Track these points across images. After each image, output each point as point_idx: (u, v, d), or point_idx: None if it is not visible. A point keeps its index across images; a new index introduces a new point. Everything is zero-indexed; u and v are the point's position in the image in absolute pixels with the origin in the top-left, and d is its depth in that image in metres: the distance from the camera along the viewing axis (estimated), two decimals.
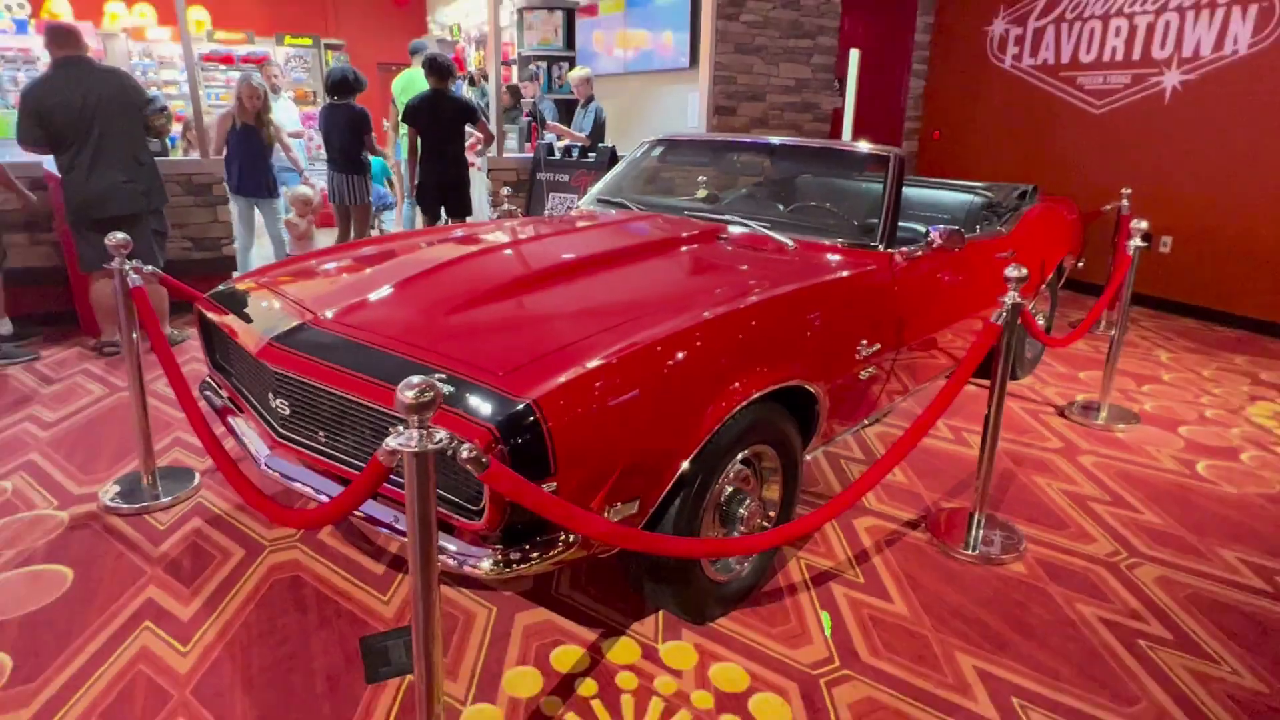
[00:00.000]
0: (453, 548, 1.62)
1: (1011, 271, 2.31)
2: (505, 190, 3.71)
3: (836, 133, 6.96)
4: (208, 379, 2.48)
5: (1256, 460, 3.26)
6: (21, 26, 9.33)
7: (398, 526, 1.71)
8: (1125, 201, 5.01)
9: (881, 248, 2.60)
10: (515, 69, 9.52)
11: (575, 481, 1.59)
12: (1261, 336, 5.16)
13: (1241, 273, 5.27)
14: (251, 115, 5.07)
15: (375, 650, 1.96)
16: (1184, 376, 4.30)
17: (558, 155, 5.62)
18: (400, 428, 1.26)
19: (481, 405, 1.55)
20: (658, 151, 3.49)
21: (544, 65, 8.86)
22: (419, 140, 5.25)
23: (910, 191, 3.93)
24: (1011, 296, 2.31)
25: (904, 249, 2.64)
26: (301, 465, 1.95)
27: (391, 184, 8.17)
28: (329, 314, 1.98)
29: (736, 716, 1.79)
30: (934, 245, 2.58)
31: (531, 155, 5.80)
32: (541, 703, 1.82)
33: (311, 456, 1.91)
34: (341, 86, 5.37)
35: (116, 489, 2.70)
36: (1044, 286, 3.94)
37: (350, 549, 2.40)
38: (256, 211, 5.39)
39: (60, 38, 3.85)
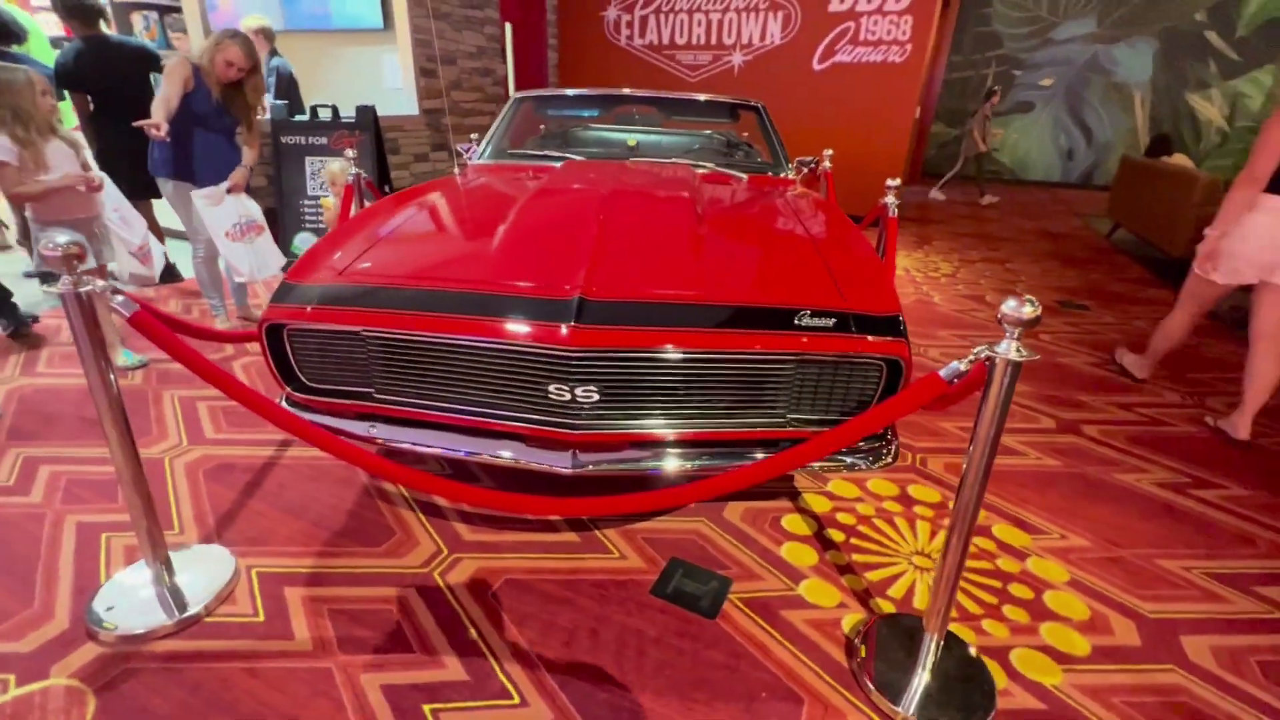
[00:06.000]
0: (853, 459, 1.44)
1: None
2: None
3: (506, 95, 6.49)
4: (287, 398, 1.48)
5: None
6: None
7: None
8: None
9: (789, 174, 2.74)
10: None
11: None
12: None
13: None
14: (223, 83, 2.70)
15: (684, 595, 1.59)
16: None
17: (303, 118, 4.12)
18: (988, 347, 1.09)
19: (873, 328, 1.36)
20: (533, 108, 2.94)
21: (154, 15, 6.13)
22: (90, 103, 3.34)
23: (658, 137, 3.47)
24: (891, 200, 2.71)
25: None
26: (616, 448, 1.39)
27: None
28: (572, 286, 1.38)
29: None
30: (812, 170, 2.82)
31: (269, 117, 4.12)
32: (826, 556, 1.74)
33: (629, 435, 1.38)
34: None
35: (111, 614, 1.46)
36: None
37: (505, 532, 1.78)
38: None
39: None
